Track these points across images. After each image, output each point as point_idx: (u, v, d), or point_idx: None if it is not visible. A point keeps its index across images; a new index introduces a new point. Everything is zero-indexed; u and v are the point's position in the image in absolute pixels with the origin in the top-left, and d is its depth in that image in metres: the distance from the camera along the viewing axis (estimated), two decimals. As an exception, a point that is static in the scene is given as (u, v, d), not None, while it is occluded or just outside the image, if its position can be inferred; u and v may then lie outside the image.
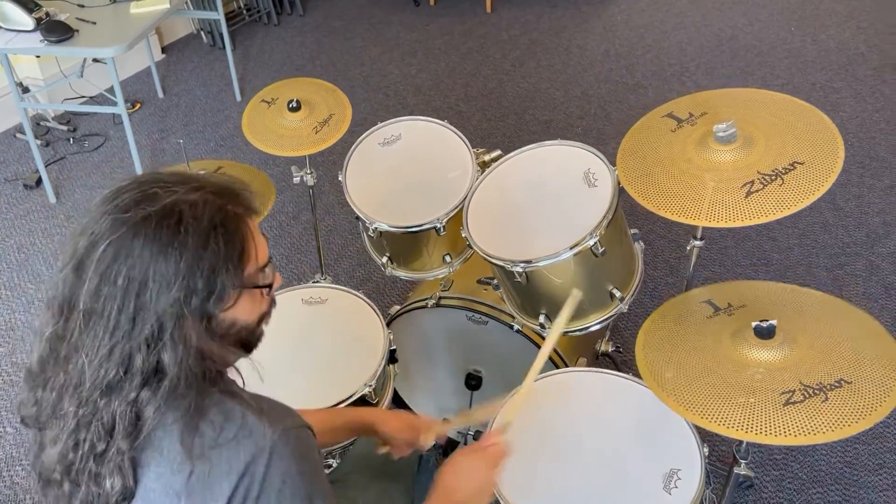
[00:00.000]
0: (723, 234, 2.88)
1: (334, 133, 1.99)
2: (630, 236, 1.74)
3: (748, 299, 1.42)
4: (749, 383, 1.22)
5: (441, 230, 1.79)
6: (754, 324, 1.26)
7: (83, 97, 3.94)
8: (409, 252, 1.92)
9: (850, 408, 1.14)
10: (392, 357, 1.77)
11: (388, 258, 1.95)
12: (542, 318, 1.70)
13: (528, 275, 1.60)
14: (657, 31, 4.39)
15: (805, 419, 1.15)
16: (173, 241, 0.89)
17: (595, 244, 1.54)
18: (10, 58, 3.07)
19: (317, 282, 2.05)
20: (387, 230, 1.82)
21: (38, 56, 3.62)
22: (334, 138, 1.99)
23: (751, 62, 4.02)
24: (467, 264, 1.95)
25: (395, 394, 2.08)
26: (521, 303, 1.76)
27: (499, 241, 1.66)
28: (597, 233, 1.54)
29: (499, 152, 1.96)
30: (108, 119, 3.89)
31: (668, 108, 1.61)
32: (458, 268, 1.93)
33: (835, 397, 1.15)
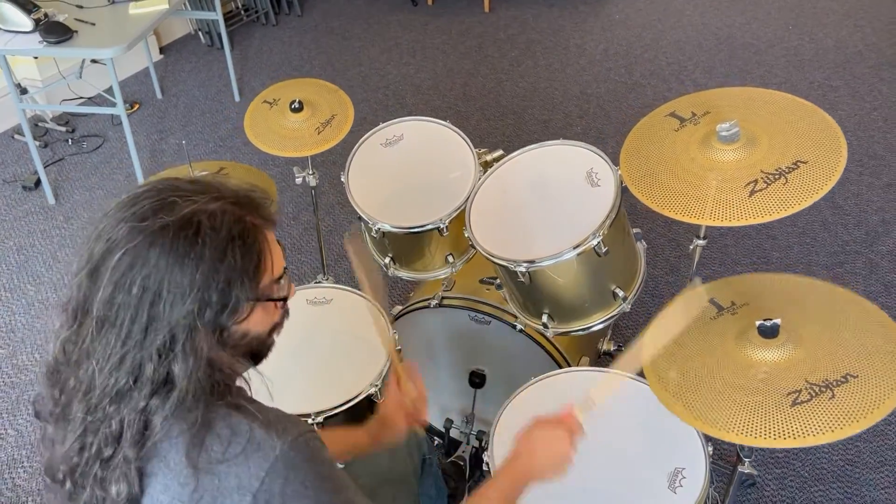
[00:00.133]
0: (722, 233, 2.89)
1: (336, 133, 1.99)
2: (632, 236, 1.74)
3: (751, 296, 1.42)
4: (755, 385, 1.22)
5: (444, 230, 1.80)
6: (758, 323, 1.27)
7: (81, 98, 3.93)
8: (411, 252, 1.92)
9: (857, 403, 1.14)
10: (396, 357, 1.77)
11: (390, 258, 1.95)
12: (544, 318, 1.71)
13: (531, 275, 1.60)
14: (655, 30, 4.40)
15: (814, 419, 1.14)
16: (190, 252, 0.88)
17: (598, 244, 1.54)
18: (8, 59, 3.07)
19: (319, 282, 2.05)
20: (390, 231, 1.82)
21: (35, 57, 3.61)
22: (336, 139, 1.99)
23: (749, 61, 4.03)
24: (469, 264, 1.95)
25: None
26: (523, 302, 1.76)
27: (502, 241, 1.67)
28: (600, 232, 1.54)
29: (501, 152, 1.97)
30: (106, 120, 3.88)
31: (670, 107, 1.61)
32: (461, 268, 1.94)
33: (841, 393, 1.15)
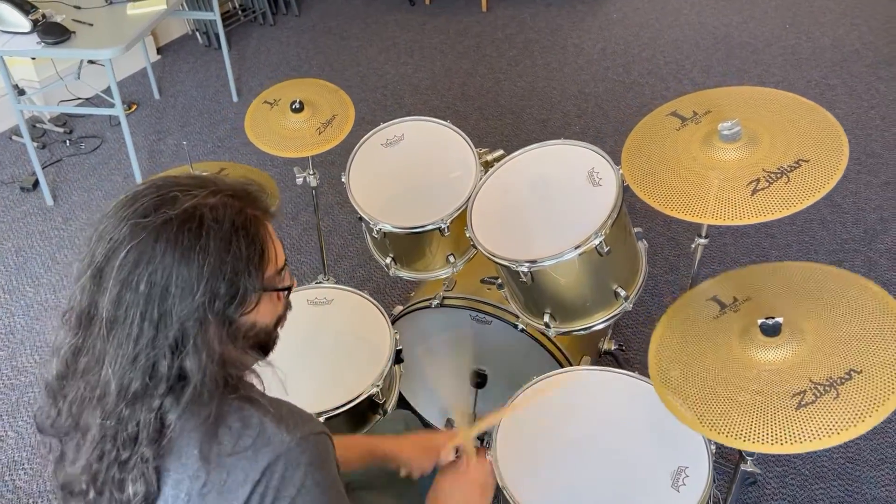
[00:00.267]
0: (721, 232, 2.90)
1: (337, 134, 1.99)
2: (633, 235, 1.75)
3: (753, 289, 1.42)
4: (759, 388, 1.22)
5: (445, 230, 1.80)
6: (760, 322, 1.27)
7: (79, 99, 3.92)
8: (412, 252, 1.92)
9: (862, 401, 1.13)
10: (398, 357, 1.77)
11: (391, 259, 1.95)
12: (546, 318, 1.71)
13: (533, 274, 1.60)
14: (652, 29, 4.40)
15: (819, 421, 1.14)
16: (195, 244, 0.88)
17: (600, 243, 1.54)
18: (6, 60, 3.06)
19: (320, 282, 2.05)
20: (391, 231, 1.82)
21: (33, 58, 3.60)
22: (337, 139, 1.99)
23: (746, 60, 4.04)
24: (470, 264, 1.95)
25: (399, 394, 2.08)
26: (525, 302, 1.76)
27: (503, 241, 1.67)
28: (602, 232, 1.54)
29: (501, 152, 1.97)
30: (104, 121, 3.87)
31: (671, 106, 1.62)
32: (462, 268, 1.94)
33: (846, 391, 1.15)
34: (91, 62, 3.79)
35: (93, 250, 0.91)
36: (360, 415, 1.71)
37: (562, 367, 1.80)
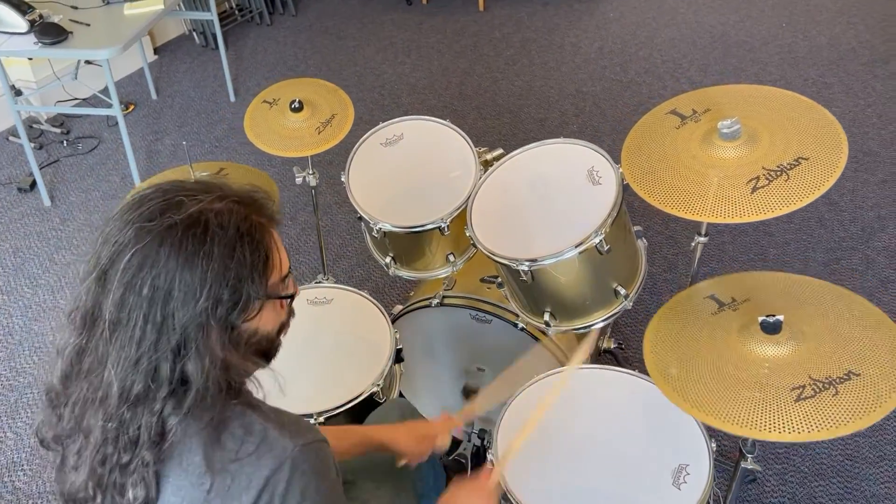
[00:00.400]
0: (719, 230, 2.90)
1: (337, 133, 1.99)
2: (633, 233, 1.75)
3: (752, 292, 1.43)
4: (758, 380, 1.23)
5: (445, 230, 1.80)
6: (761, 319, 1.27)
7: (76, 99, 3.92)
8: (412, 252, 1.92)
9: (861, 400, 1.15)
10: (398, 356, 1.78)
11: (391, 258, 1.95)
12: (546, 316, 1.71)
13: (533, 273, 1.60)
14: (649, 28, 4.41)
15: (818, 414, 1.15)
16: (200, 250, 0.88)
17: (600, 242, 1.54)
18: (3, 60, 3.05)
19: (319, 282, 2.05)
20: (390, 230, 1.82)
21: (30, 58, 3.59)
22: (337, 138, 1.99)
23: (743, 58, 4.04)
24: (469, 263, 1.95)
25: (400, 393, 2.08)
26: (525, 301, 1.77)
27: (503, 240, 1.67)
28: (602, 231, 1.54)
29: (501, 151, 1.97)
30: (101, 121, 3.86)
31: (671, 104, 1.62)
32: (461, 267, 1.94)
33: (845, 390, 1.16)
34: (88, 62, 3.78)
35: (98, 252, 0.91)
36: (360, 415, 1.71)
37: (561, 365, 1.80)
